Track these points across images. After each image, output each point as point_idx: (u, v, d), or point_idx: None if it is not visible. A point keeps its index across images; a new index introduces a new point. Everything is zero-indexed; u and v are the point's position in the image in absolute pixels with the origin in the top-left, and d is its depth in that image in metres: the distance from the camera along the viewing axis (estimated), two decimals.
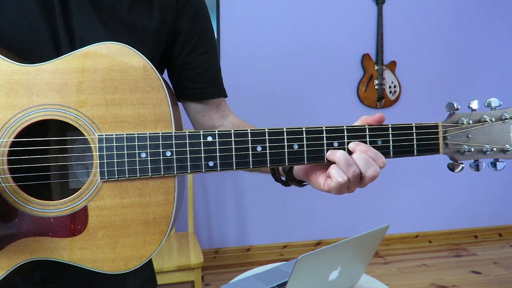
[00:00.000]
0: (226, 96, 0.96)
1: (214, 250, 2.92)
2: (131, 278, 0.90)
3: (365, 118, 0.72)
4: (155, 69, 0.67)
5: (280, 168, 0.81)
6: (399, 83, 3.02)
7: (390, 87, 3.01)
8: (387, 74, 2.99)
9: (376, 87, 2.97)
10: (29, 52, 0.72)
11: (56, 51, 0.74)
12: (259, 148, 0.68)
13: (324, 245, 2.57)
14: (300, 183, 0.80)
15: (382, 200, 3.12)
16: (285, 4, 2.83)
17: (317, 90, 2.94)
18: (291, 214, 3.00)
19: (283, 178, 0.81)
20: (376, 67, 2.96)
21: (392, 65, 3.00)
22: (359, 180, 0.69)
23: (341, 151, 0.68)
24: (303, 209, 3.01)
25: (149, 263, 1.00)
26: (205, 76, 0.90)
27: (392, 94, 3.01)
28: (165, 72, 0.92)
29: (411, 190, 3.19)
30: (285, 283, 1.09)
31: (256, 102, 2.80)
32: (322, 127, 0.69)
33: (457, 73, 3.16)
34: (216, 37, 2.73)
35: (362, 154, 0.68)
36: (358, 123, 0.73)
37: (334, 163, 0.68)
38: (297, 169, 0.78)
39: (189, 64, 0.88)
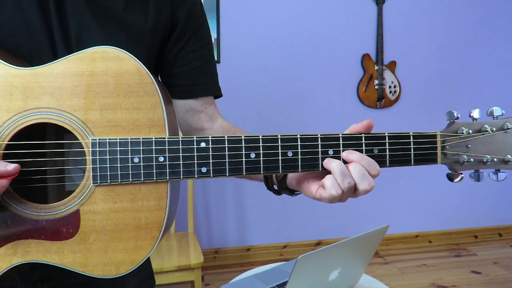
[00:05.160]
0: (217, 94, 0.94)
1: (214, 250, 2.92)
2: (129, 277, 0.91)
3: (353, 126, 0.71)
4: (150, 74, 0.67)
5: (274, 176, 0.80)
6: (399, 83, 3.02)
7: (390, 87, 3.00)
8: (387, 74, 2.99)
9: (376, 87, 2.97)
10: (27, 53, 0.73)
11: (53, 53, 0.74)
12: (252, 155, 0.67)
13: (324, 245, 2.57)
14: (292, 192, 0.79)
15: (382, 200, 3.12)
16: (285, 4, 2.83)
17: (317, 90, 2.94)
18: (291, 214, 3.01)
19: (275, 187, 0.81)
20: (376, 67, 2.95)
21: (392, 65, 3.00)
22: (352, 191, 0.68)
23: (337, 161, 0.67)
24: (303, 209, 3.00)
25: (147, 262, 1.01)
26: (194, 73, 0.89)
27: (392, 94, 3.01)
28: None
29: (411, 190, 3.19)
30: (285, 283, 1.09)
31: (256, 102, 2.80)
32: (317, 135, 0.68)
33: (457, 73, 3.15)
34: (215, 37, 2.73)
35: (357, 165, 0.67)
36: (347, 131, 0.72)
37: (329, 172, 0.68)
38: (290, 177, 0.77)
39: (179, 61, 0.88)
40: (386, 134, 0.70)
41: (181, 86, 0.90)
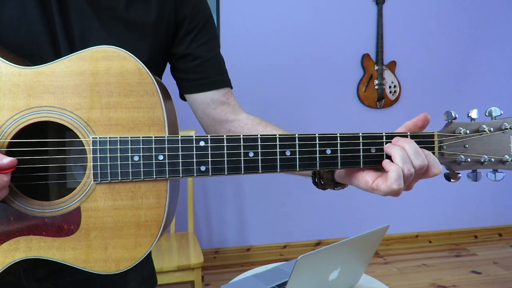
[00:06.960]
0: (231, 86, 0.95)
1: (214, 250, 2.93)
2: (132, 274, 0.92)
3: (407, 123, 0.72)
4: (150, 73, 0.68)
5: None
6: (399, 83, 3.02)
7: (390, 87, 3.01)
8: (387, 74, 2.99)
9: (376, 87, 2.97)
10: (29, 52, 0.74)
11: (55, 52, 0.75)
12: (251, 154, 0.68)
13: (324, 245, 2.57)
14: (335, 185, 0.79)
15: (382, 200, 3.11)
16: (285, 3, 2.84)
17: (317, 90, 2.95)
18: (291, 214, 3.01)
19: (322, 181, 0.80)
20: (376, 67, 2.96)
21: (392, 65, 3.00)
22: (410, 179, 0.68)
23: (398, 147, 0.67)
24: (303, 209, 3.01)
25: (149, 260, 1.02)
26: (207, 66, 0.90)
27: (392, 94, 3.01)
28: (164, 74, 0.93)
29: (411, 190, 3.18)
30: (285, 283, 1.09)
31: (255, 101, 2.80)
32: (315, 134, 0.69)
33: (457, 73, 3.16)
34: None
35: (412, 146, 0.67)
36: (401, 129, 0.72)
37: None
38: (339, 170, 0.76)
39: (191, 55, 0.88)
40: (384, 134, 0.70)
41: (196, 79, 0.90)
